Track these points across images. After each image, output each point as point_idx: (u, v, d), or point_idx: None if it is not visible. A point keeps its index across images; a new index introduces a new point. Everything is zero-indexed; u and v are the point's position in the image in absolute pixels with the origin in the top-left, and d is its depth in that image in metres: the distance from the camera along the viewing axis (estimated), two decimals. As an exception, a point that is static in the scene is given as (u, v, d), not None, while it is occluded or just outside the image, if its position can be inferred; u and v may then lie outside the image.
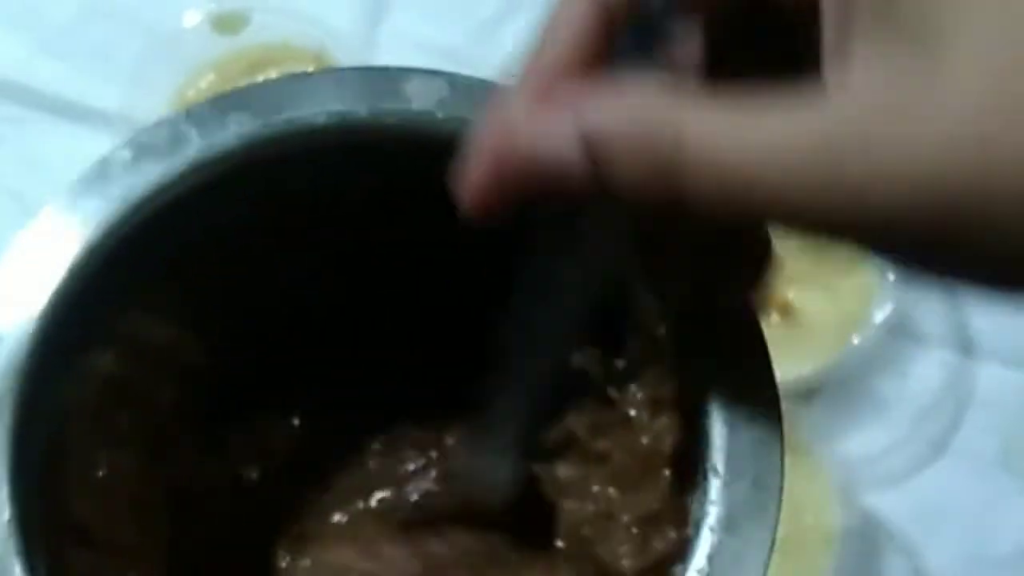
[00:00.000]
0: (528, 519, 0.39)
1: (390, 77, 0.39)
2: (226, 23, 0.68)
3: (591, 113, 0.23)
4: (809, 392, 0.64)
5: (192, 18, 0.68)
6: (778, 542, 0.62)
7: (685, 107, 0.22)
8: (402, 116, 0.37)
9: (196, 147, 0.36)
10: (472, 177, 0.26)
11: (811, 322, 0.64)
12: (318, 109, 0.36)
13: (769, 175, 0.21)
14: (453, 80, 0.39)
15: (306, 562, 0.41)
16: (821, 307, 0.64)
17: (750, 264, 0.27)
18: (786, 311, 0.64)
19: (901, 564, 0.64)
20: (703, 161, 0.22)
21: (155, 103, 0.68)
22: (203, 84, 0.69)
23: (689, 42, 0.24)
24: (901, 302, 0.62)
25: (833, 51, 0.23)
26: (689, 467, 0.33)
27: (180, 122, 0.37)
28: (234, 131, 0.36)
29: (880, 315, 0.62)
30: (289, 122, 0.36)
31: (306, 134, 0.36)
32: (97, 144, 0.69)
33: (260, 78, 0.68)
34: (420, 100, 0.38)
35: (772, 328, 0.63)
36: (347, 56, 0.67)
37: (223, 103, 0.37)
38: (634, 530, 0.35)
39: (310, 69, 0.69)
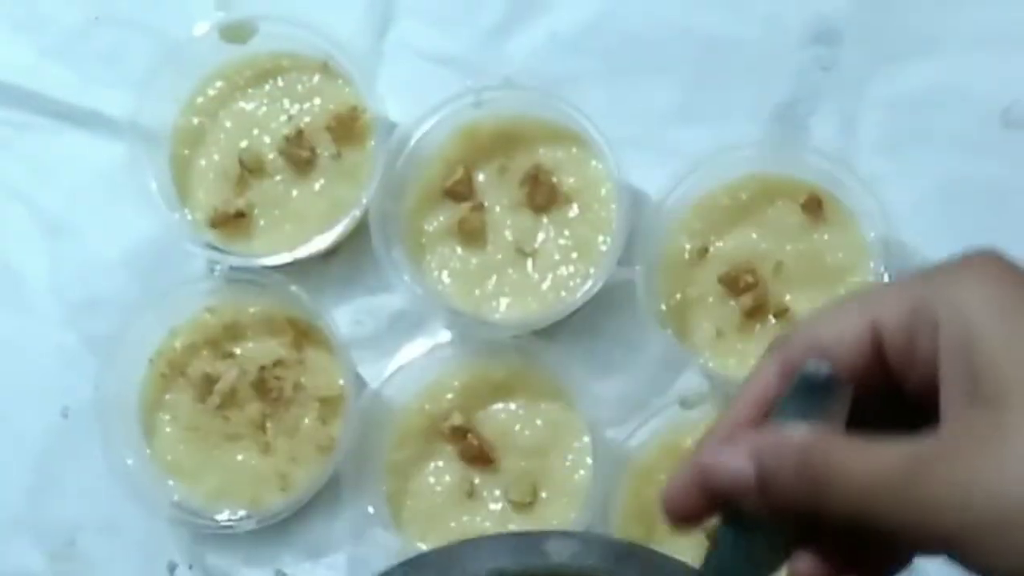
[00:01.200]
0: None
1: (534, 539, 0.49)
2: (234, 32, 0.69)
3: (766, 450, 0.34)
4: None
5: (201, 27, 0.68)
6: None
7: (832, 440, 0.33)
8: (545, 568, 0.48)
9: None
10: (675, 486, 0.36)
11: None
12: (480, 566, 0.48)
13: (877, 482, 0.32)
14: (586, 538, 0.49)
15: None
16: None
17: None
18: (784, 315, 0.65)
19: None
20: (840, 473, 0.32)
21: (163, 110, 0.69)
22: (211, 92, 0.70)
23: (842, 401, 0.35)
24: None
25: (942, 418, 0.33)
26: None
27: None
28: None
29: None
30: None
31: None
32: (104, 150, 0.71)
33: (267, 87, 0.70)
34: (559, 555, 0.48)
35: (770, 331, 0.64)
36: (353, 64, 0.68)
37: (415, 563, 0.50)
38: None
39: (316, 78, 0.70)
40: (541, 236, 0.67)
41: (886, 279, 0.63)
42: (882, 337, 0.35)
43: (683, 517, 0.37)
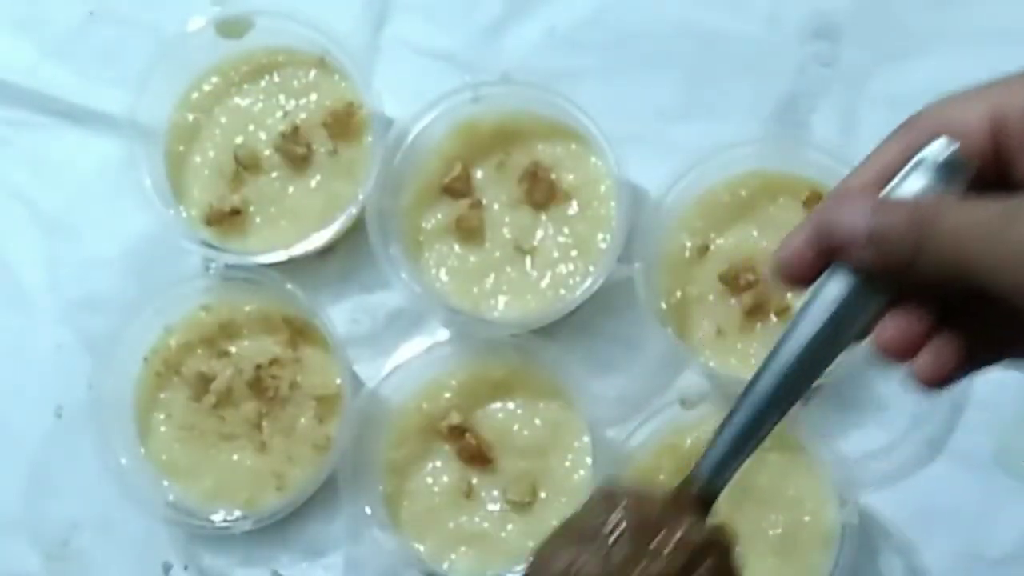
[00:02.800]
0: None
1: None
2: (230, 28, 0.69)
3: (882, 206, 0.36)
4: (807, 393, 0.65)
5: (196, 23, 0.68)
6: (776, 540, 0.63)
7: (944, 199, 0.36)
8: None
9: None
10: (788, 244, 0.39)
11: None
12: None
13: (977, 225, 0.34)
14: None
15: None
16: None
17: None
18: (785, 313, 0.64)
19: (897, 563, 0.65)
20: (944, 220, 0.35)
21: (160, 107, 0.69)
22: (206, 88, 0.70)
23: (959, 183, 0.37)
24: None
25: None
26: None
27: None
28: None
29: (877, 317, 0.63)
30: None
31: None
32: (102, 147, 0.71)
33: (263, 82, 0.70)
34: None
35: (771, 329, 0.64)
36: (350, 60, 0.67)
37: None
38: None
39: (312, 74, 0.70)
40: (540, 233, 0.67)
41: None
42: (1004, 123, 0.37)
43: (794, 275, 0.39)
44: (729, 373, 0.64)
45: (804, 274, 0.39)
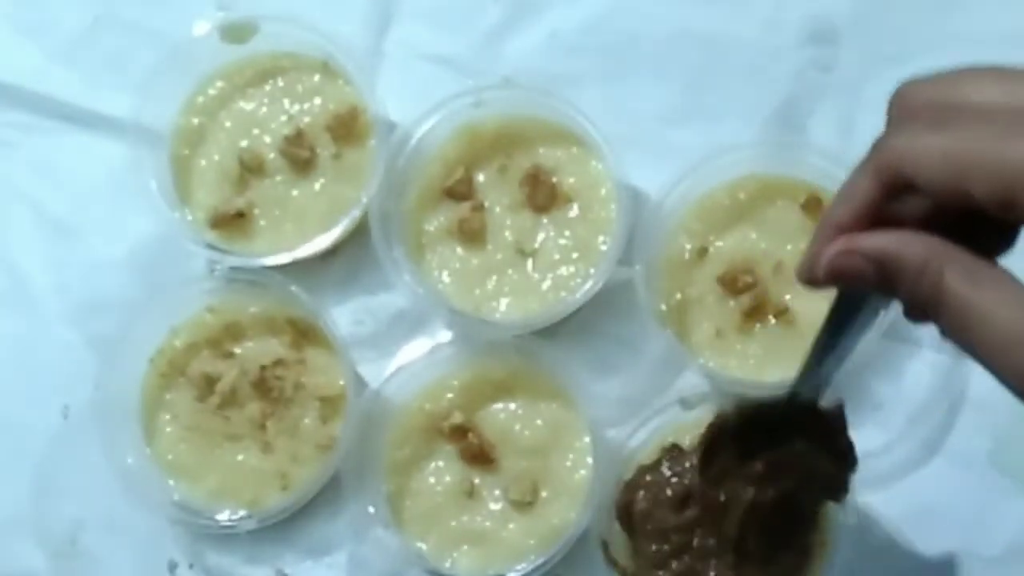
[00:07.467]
0: None
1: None
2: (235, 32, 0.69)
3: (889, 243, 0.40)
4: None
5: (202, 27, 0.69)
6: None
7: (950, 249, 0.38)
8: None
9: None
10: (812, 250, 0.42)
11: (808, 325, 0.65)
12: None
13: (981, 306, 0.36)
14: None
15: None
16: (817, 311, 0.65)
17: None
18: (783, 315, 0.65)
19: (895, 562, 0.65)
20: (952, 291, 0.37)
21: (165, 111, 0.69)
22: (211, 92, 0.70)
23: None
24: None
25: None
26: None
27: None
28: None
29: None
30: None
31: None
32: (108, 151, 0.72)
33: (267, 86, 0.70)
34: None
35: (770, 331, 0.65)
36: (353, 64, 0.68)
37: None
38: None
39: (316, 78, 0.70)
40: (541, 236, 0.68)
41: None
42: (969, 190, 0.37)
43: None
44: (728, 374, 0.64)
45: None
